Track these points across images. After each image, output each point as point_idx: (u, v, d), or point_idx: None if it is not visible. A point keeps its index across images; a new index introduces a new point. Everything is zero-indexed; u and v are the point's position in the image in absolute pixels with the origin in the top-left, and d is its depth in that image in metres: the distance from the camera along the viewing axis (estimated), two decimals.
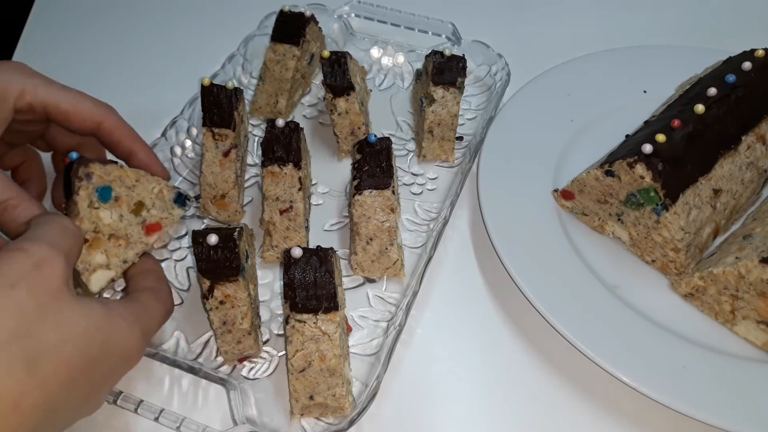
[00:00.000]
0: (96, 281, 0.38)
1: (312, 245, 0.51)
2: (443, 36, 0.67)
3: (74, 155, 0.39)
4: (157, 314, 0.39)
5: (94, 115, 0.45)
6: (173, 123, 0.58)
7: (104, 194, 0.39)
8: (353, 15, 0.70)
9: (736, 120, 0.52)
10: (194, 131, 0.60)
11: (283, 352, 0.46)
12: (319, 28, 0.65)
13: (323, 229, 0.55)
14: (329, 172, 0.59)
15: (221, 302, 0.42)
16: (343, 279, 0.50)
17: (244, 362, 0.45)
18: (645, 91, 0.63)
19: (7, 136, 0.45)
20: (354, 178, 0.51)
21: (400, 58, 0.69)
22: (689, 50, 0.66)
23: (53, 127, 0.49)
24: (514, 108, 0.61)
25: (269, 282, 0.51)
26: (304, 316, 0.40)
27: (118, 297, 0.49)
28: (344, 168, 0.59)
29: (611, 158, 0.49)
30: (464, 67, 0.58)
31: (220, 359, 0.46)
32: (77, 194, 0.38)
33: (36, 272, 0.30)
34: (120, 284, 0.49)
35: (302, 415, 0.42)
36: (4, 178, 0.38)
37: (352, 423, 0.41)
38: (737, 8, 0.78)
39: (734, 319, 0.47)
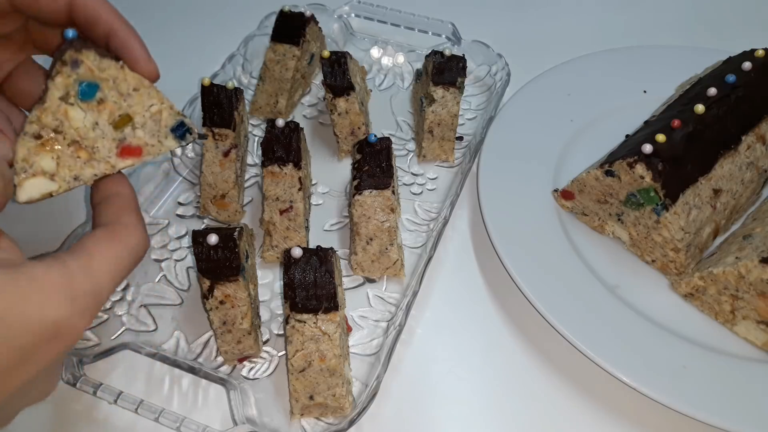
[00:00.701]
0: (28, 189, 0.31)
1: (312, 245, 0.51)
2: (443, 36, 0.68)
3: (70, 33, 0.32)
4: (109, 267, 0.30)
5: None
6: None
7: (87, 91, 0.32)
8: (353, 15, 0.70)
9: (736, 120, 0.52)
10: None
11: (283, 352, 0.46)
12: (319, 28, 0.65)
13: (323, 229, 0.55)
14: (329, 172, 0.59)
15: (221, 302, 0.42)
16: (343, 279, 0.50)
17: (244, 362, 0.45)
18: (645, 91, 0.63)
19: None
20: (354, 178, 0.51)
21: (400, 58, 0.69)
22: (689, 50, 0.66)
23: (33, 27, 0.38)
24: (514, 108, 0.61)
25: (269, 282, 0.51)
26: (304, 316, 0.40)
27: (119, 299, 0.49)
28: (344, 168, 0.59)
29: (611, 158, 0.49)
30: (464, 67, 0.58)
31: (220, 359, 0.46)
32: (52, 79, 0.31)
33: None
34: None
35: (302, 415, 0.42)
36: None
37: (352, 423, 0.41)
38: (737, 8, 0.78)
39: (734, 319, 0.47)
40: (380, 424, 0.43)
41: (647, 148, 0.47)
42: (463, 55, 0.59)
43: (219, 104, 0.53)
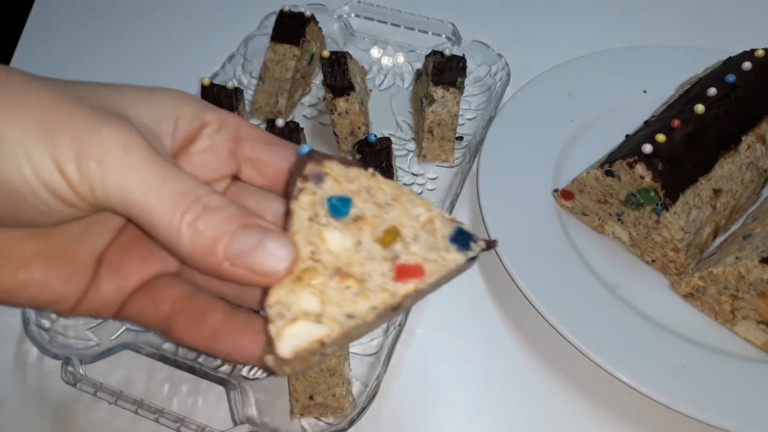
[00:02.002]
0: (290, 339, 0.23)
1: None
2: (443, 36, 0.67)
3: (305, 148, 0.27)
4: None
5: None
6: None
7: (340, 207, 0.26)
8: (353, 15, 0.70)
9: (736, 120, 0.52)
10: None
11: None
12: (319, 28, 0.65)
13: None
14: None
15: None
16: None
17: None
18: (645, 91, 0.63)
19: None
20: None
21: (400, 58, 0.69)
22: (689, 50, 0.66)
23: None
24: (514, 108, 0.61)
25: None
26: None
27: None
28: None
29: (611, 158, 0.49)
30: (464, 67, 0.58)
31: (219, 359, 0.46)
32: (296, 199, 0.25)
33: None
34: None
35: (302, 415, 0.42)
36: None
37: (352, 423, 0.41)
38: (737, 8, 0.78)
39: (734, 319, 0.47)
40: (380, 424, 0.43)
41: (647, 148, 0.47)
42: (463, 55, 0.59)
43: (219, 104, 0.53)
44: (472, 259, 0.26)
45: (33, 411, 0.44)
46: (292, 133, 0.51)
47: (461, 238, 0.27)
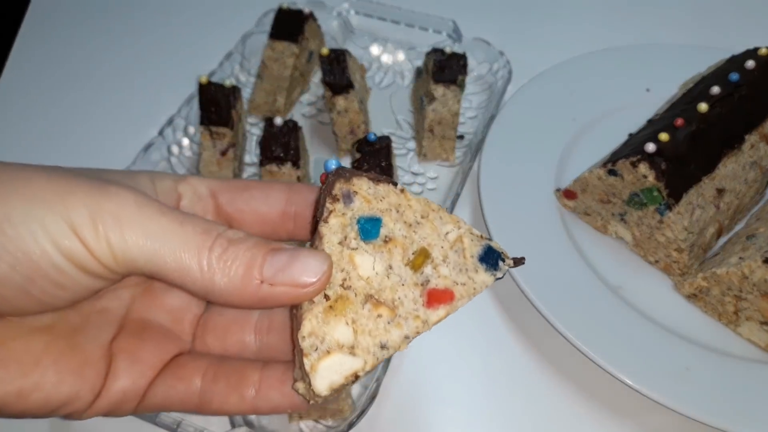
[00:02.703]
0: (326, 373, 0.23)
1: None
2: (444, 33, 0.67)
3: (333, 163, 0.26)
4: None
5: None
6: (170, 121, 0.58)
7: (369, 229, 0.25)
8: (352, 12, 0.70)
9: (739, 119, 0.51)
10: (191, 130, 0.59)
11: None
12: (318, 25, 0.65)
13: None
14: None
15: None
16: None
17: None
18: (648, 90, 0.63)
19: None
20: None
21: (400, 56, 0.68)
22: (692, 48, 0.66)
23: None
24: (515, 106, 0.60)
25: None
26: None
27: None
28: None
29: (614, 157, 0.49)
30: (465, 65, 0.57)
31: None
32: (325, 222, 0.25)
33: None
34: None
35: (301, 417, 0.42)
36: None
37: (351, 425, 0.40)
38: (741, 6, 0.78)
39: (738, 320, 0.47)
40: (379, 426, 0.43)
41: (650, 147, 0.46)
42: (464, 52, 0.58)
43: (216, 103, 0.52)
44: (500, 278, 0.26)
45: None
46: (290, 131, 0.51)
47: (490, 257, 0.26)
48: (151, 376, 0.26)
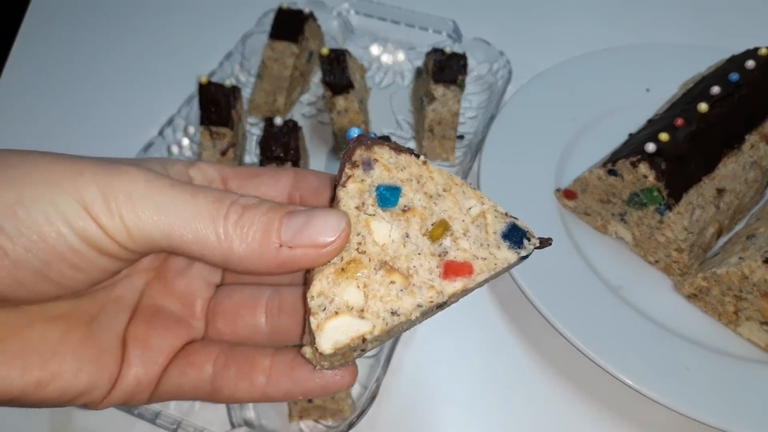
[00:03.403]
0: (331, 333, 0.22)
1: None
2: (444, 33, 0.67)
3: (355, 131, 0.26)
4: None
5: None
6: (170, 121, 0.58)
7: (388, 197, 0.25)
8: (352, 12, 0.70)
9: (739, 119, 0.51)
10: (191, 130, 0.59)
11: None
12: (318, 25, 0.65)
13: None
14: (328, 171, 0.58)
15: None
16: None
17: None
18: (648, 90, 0.63)
19: None
20: None
21: (400, 56, 0.68)
22: (692, 48, 0.66)
23: None
24: (515, 106, 0.60)
25: None
26: None
27: None
28: None
29: (614, 157, 0.49)
30: (465, 65, 0.57)
31: None
32: (343, 187, 0.25)
33: None
34: None
35: (301, 417, 0.42)
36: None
37: (351, 425, 0.40)
38: (740, 6, 0.77)
39: (738, 320, 0.47)
40: (379, 426, 0.43)
41: (650, 147, 0.46)
42: (464, 52, 0.58)
43: (216, 103, 0.52)
44: (524, 257, 0.25)
45: (31, 413, 0.44)
46: (290, 131, 0.51)
47: (514, 235, 0.25)
48: (163, 364, 0.26)
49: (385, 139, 0.26)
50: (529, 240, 0.25)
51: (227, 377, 0.25)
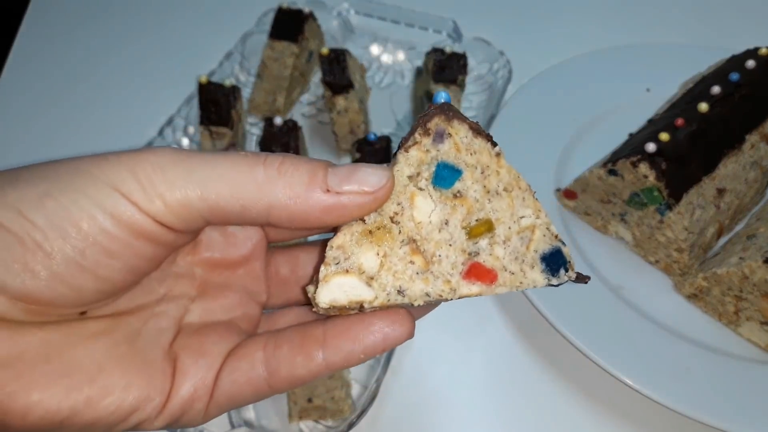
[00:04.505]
0: (332, 289, 0.23)
1: None
2: (444, 33, 0.67)
3: (442, 96, 0.24)
4: None
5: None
6: (170, 121, 0.58)
7: (446, 176, 0.23)
8: (352, 12, 0.70)
9: (740, 118, 0.51)
10: (191, 130, 0.59)
11: None
12: (318, 25, 0.65)
13: None
14: None
15: None
16: None
17: None
18: (648, 90, 0.63)
19: None
20: None
21: (400, 56, 0.68)
22: (693, 48, 0.66)
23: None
24: (515, 106, 0.60)
25: None
26: None
27: None
28: None
29: (614, 157, 0.49)
30: (465, 65, 0.57)
31: None
32: (405, 151, 0.24)
33: None
34: None
35: (301, 418, 0.42)
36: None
37: (351, 426, 0.40)
38: (741, 6, 0.77)
39: (738, 321, 0.47)
40: (379, 426, 0.43)
41: (651, 146, 0.46)
42: (464, 52, 0.58)
43: (216, 102, 0.52)
44: (554, 285, 0.24)
45: None
46: (290, 131, 0.51)
47: (554, 261, 0.24)
48: (217, 368, 0.25)
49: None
50: (566, 271, 0.24)
51: (281, 357, 0.24)
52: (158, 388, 0.23)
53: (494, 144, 0.24)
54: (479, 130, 0.24)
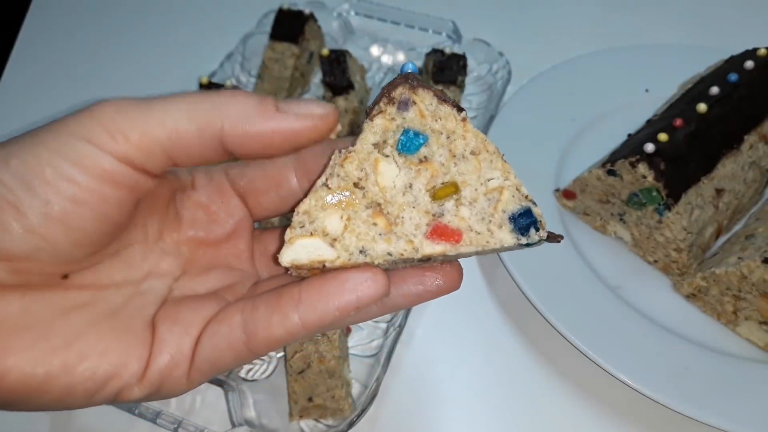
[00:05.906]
0: (296, 250, 0.23)
1: None
2: (444, 34, 0.67)
3: (409, 66, 0.25)
4: None
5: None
6: None
7: (410, 143, 0.24)
8: (353, 13, 0.70)
9: (738, 119, 0.51)
10: None
11: (282, 354, 0.46)
12: (318, 26, 0.65)
13: None
14: None
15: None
16: None
17: None
18: (647, 90, 0.63)
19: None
20: None
21: (401, 57, 0.69)
22: (691, 49, 0.66)
23: None
24: (515, 107, 0.60)
25: None
26: None
27: None
28: None
29: (613, 157, 0.49)
30: (465, 66, 0.57)
31: None
32: (371, 120, 0.24)
33: None
34: None
35: (301, 416, 0.42)
36: None
37: (351, 425, 0.40)
38: (740, 6, 0.78)
39: (737, 320, 0.47)
40: (380, 426, 0.43)
41: (649, 147, 0.47)
42: (464, 53, 0.58)
43: None
44: (526, 245, 0.24)
45: (33, 413, 0.44)
46: None
47: (523, 220, 0.24)
48: (195, 334, 0.25)
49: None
50: (537, 230, 0.24)
51: (258, 317, 0.24)
52: (135, 355, 0.24)
53: (460, 110, 0.24)
54: (444, 98, 0.24)
